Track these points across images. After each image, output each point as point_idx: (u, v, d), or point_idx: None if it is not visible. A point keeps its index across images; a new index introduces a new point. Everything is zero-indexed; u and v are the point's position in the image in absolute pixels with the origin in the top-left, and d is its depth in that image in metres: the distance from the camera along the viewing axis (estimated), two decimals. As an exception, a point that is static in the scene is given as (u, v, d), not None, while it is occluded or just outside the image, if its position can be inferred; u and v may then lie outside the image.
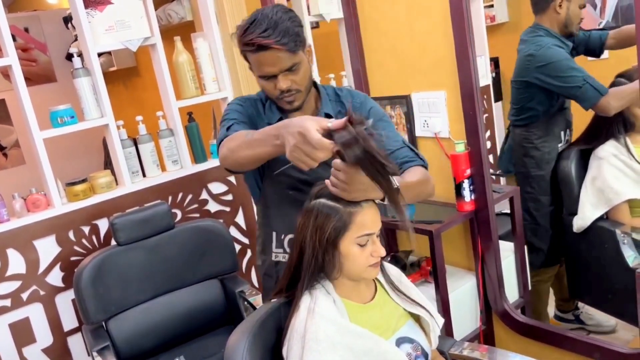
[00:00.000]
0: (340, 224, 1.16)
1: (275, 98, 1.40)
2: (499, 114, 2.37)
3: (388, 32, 2.09)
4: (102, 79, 2.23)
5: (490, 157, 2.22)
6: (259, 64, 1.33)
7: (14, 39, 4.07)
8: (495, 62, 2.31)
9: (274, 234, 1.53)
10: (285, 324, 1.25)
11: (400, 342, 1.26)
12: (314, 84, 1.48)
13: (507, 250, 2.09)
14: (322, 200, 1.17)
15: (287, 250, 1.51)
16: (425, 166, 1.39)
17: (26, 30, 3.89)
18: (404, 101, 2.11)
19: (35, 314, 2.15)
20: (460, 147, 1.89)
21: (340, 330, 1.17)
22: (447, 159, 1.97)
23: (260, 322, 1.27)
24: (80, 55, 2.25)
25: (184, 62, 2.44)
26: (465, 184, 1.91)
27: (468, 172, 1.90)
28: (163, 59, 2.35)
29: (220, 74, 2.52)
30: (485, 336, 2.08)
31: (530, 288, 2.21)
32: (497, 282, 1.97)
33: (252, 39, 1.29)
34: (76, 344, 2.26)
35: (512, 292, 2.11)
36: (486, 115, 2.20)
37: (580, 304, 2.24)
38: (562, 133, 2.07)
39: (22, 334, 2.12)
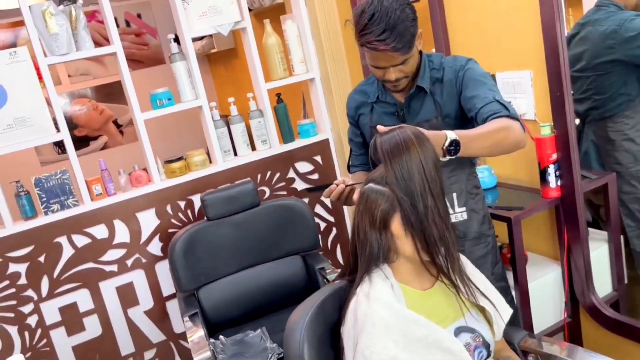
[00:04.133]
0: (387, 206, 1.17)
1: (381, 82, 1.52)
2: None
3: (472, 8, 2.00)
4: (196, 62, 2.36)
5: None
6: (372, 58, 1.43)
7: (128, 25, 4.42)
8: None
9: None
10: (344, 305, 1.29)
11: (459, 331, 1.25)
12: (420, 53, 1.53)
13: (599, 240, 1.96)
14: (371, 185, 1.19)
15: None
16: (511, 117, 1.34)
17: (139, 16, 4.19)
18: (490, 81, 2.02)
19: (138, 279, 2.38)
20: (546, 130, 1.78)
21: (395, 315, 1.18)
22: (532, 142, 1.87)
23: (322, 300, 1.32)
24: (176, 40, 2.40)
25: (273, 45, 2.52)
26: (551, 169, 1.80)
27: (554, 156, 1.79)
28: (253, 42, 2.44)
29: (308, 55, 2.57)
30: (571, 330, 1.98)
31: (626, 282, 2.05)
32: (584, 273, 1.85)
33: (369, 41, 1.35)
34: (174, 308, 2.47)
35: (604, 285, 1.97)
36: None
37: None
38: None
39: (127, 296, 2.36)
